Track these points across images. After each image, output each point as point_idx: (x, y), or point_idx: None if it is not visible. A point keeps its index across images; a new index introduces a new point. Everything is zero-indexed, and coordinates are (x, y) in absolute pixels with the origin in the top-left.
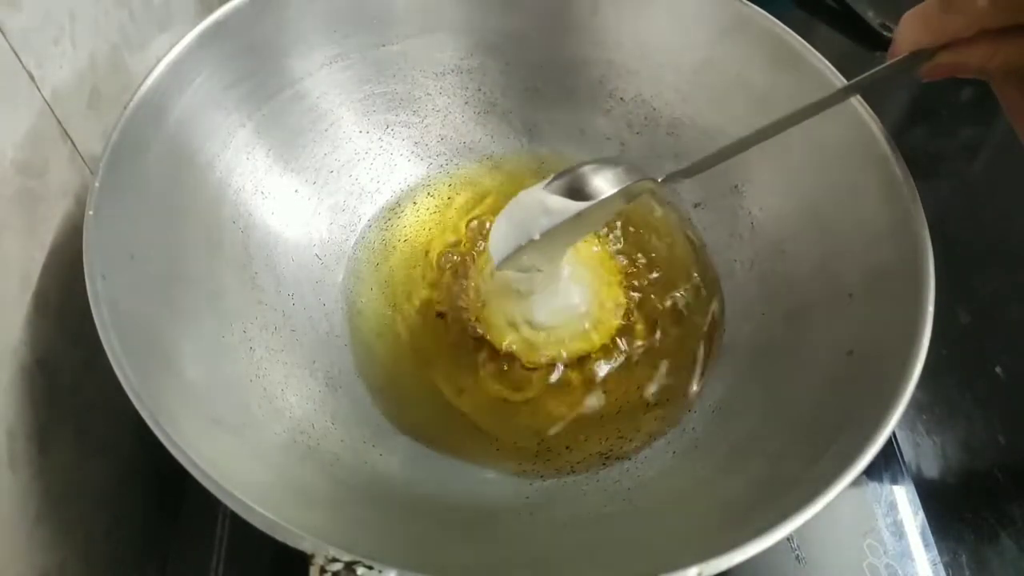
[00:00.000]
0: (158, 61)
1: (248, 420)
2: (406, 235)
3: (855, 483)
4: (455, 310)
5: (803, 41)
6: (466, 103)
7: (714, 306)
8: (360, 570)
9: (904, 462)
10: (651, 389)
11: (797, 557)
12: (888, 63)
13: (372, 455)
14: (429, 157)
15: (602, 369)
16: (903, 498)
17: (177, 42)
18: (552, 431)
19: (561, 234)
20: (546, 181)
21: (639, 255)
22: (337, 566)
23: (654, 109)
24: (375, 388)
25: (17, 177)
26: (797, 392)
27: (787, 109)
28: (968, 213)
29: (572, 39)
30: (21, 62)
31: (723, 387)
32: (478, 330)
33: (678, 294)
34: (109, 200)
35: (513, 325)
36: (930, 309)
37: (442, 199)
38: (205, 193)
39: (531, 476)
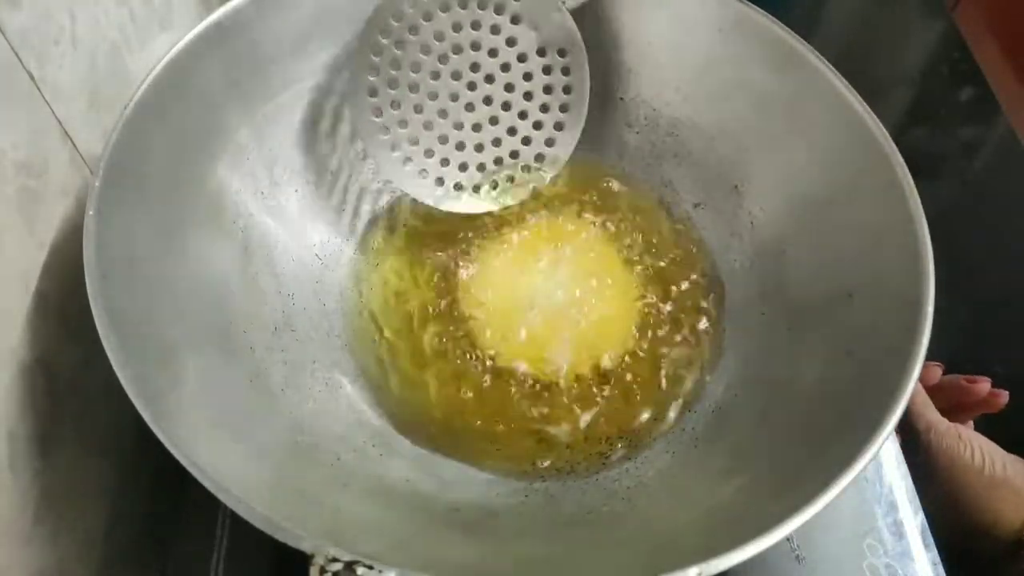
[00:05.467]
0: (158, 61)
1: (248, 420)
2: (406, 235)
3: (855, 483)
4: (455, 311)
5: (803, 41)
6: None
7: (714, 306)
8: (360, 570)
9: (904, 462)
10: (651, 389)
11: (797, 557)
12: None
13: (372, 455)
14: None
15: (603, 370)
16: (903, 498)
17: (177, 42)
18: (552, 431)
19: None
20: None
21: (639, 256)
22: (337, 566)
23: (654, 109)
24: (375, 388)
25: (17, 177)
26: (797, 392)
27: (787, 109)
28: (968, 213)
29: None
30: (21, 62)
31: (723, 387)
32: (478, 331)
33: (678, 295)
34: (109, 200)
35: (514, 325)
36: (930, 309)
37: None
38: (205, 193)
39: (531, 476)
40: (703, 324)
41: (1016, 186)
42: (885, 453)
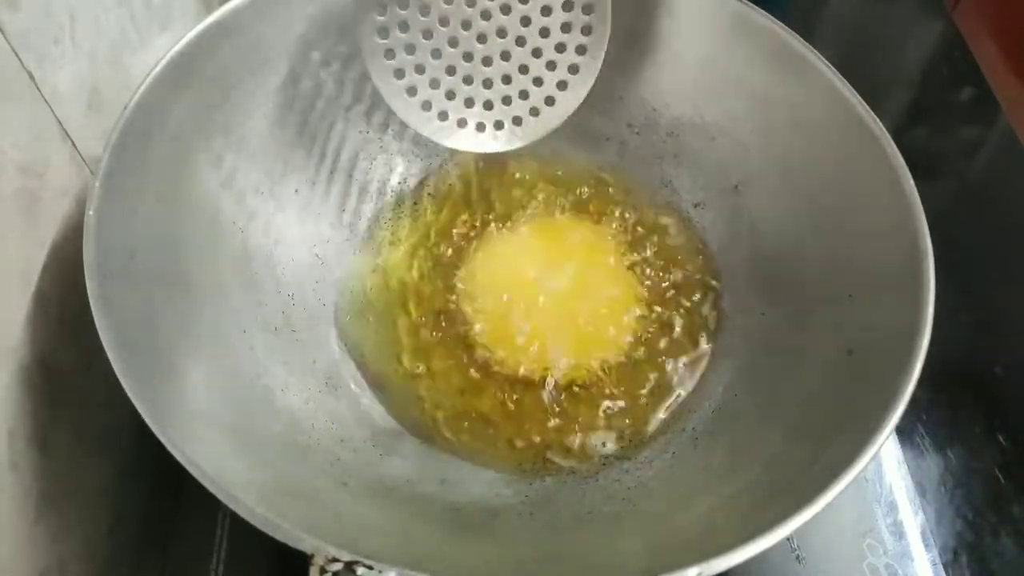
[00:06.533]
0: (158, 61)
1: (248, 420)
2: (406, 235)
3: (855, 483)
4: (455, 310)
5: (803, 41)
6: None
7: (714, 306)
8: (360, 570)
9: (904, 462)
10: (651, 390)
11: (797, 557)
12: None
13: (372, 455)
14: (429, 157)
15: (603, 371)
16: (903, 498)
17: (177, 42)
18: (552, 431)
19: None
20: None
21: (638, 256)
22: (337, 566)
23: (654, 109)
24: (375, 388)
25: (17, 177)
26: (797, 392)
27: (787, 109)
28: (968, 213)
29: None
30: (21, 62)
31: (723, 387)
32: (478, 331)
33: (678, 295)
34: (109, 200)
35: (513, 325)
36: (930, 309)
37: (442, 198)
38: (205, 193)
39: (531, 476)
40: (703, 324)
41: (1016, 186)
42: (885, 453)
